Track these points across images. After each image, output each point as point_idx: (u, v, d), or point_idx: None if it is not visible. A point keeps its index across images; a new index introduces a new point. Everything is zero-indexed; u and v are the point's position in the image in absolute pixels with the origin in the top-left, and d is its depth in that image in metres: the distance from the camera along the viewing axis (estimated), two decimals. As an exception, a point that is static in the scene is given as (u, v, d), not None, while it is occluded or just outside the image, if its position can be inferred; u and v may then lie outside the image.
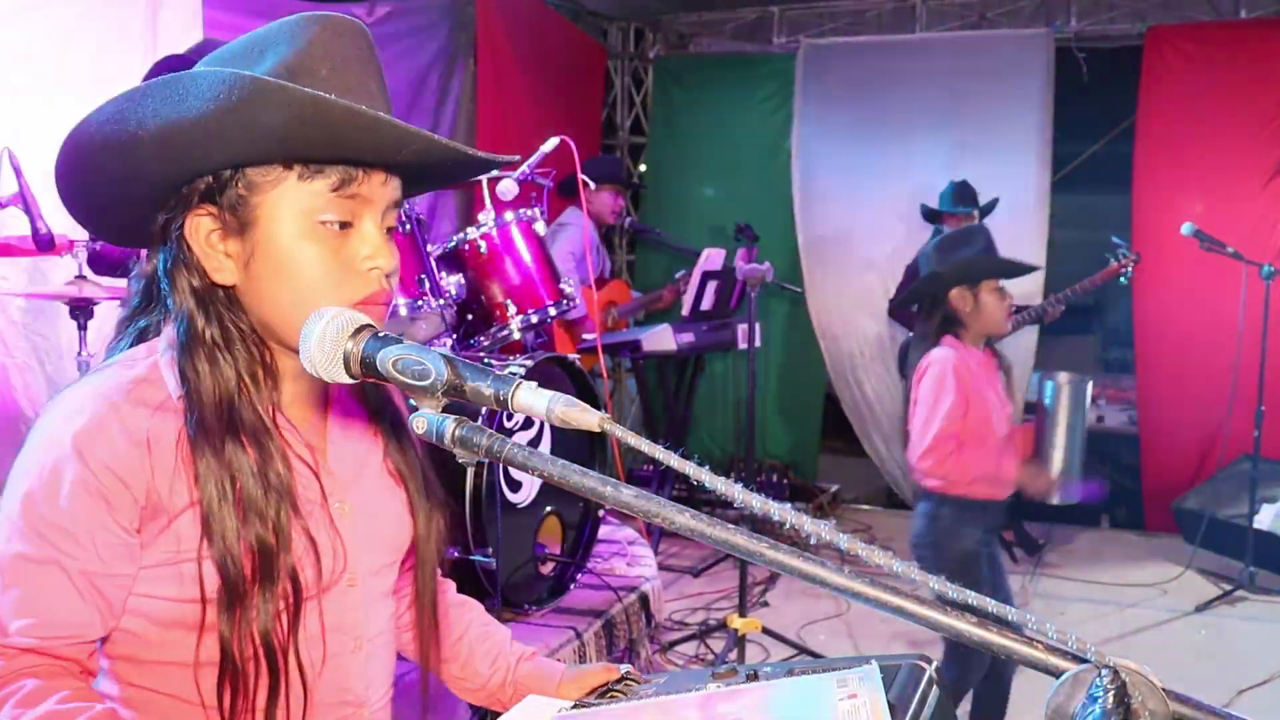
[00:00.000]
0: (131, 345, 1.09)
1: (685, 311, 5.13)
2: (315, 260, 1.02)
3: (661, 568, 4.02)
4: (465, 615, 1.37)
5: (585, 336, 4.81)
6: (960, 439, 2.69)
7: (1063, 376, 2.79)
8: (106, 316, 2.65)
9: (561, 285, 3.27)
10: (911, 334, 5.10)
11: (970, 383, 2.72)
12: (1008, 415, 2.85)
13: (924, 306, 2.86)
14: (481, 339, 3.22)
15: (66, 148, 1.01)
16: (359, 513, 1.13)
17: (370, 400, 1.19)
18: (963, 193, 4.93)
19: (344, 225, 1.03)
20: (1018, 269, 2.86)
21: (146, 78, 2.59)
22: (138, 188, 1.03)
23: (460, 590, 1.43)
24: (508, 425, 2.79)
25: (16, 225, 2.51)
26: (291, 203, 1.01)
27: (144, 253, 1.11)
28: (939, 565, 2.69)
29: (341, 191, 1.02)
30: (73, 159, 1.02)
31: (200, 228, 1.03)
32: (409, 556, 1.23)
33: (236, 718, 1.02)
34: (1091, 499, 2.99)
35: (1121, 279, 4.68)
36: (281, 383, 1.09)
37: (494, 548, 2.62)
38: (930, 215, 5.04)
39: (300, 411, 1.12)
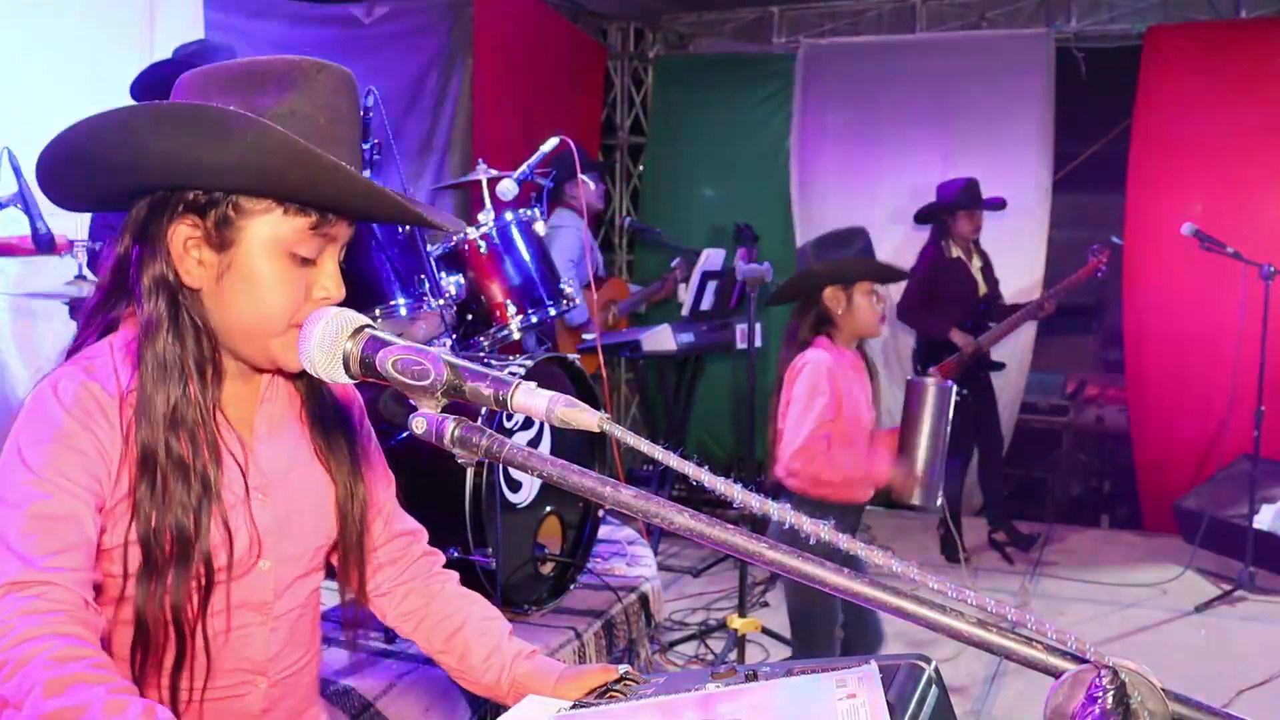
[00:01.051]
0: (98, 338, 1.18)
1: (685, 311, 5.13)
2: (281, 286, 1.13)
3: (661, 568, 4.02)
4: (464, 608, 1.39)
5: (585, 337, 4.82)
6: (831, 439, 2.70)
7: (929, 380, 2.79)
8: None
9: (561, 285, 3.26)
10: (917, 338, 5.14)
11: (842, 384, 2.74)
12: (872, 419, 2.87)
13: (799, 305, 2.88)
14: (481, 339, 3.21)
15: (74, 134, 1.06)
16: (279, 503, 1.23)
17: (303, 394, 1.29)
18: (974, 190, 4.92)
19: (308, 261, 1.14)
20: (891, 273, 2.89)
21: (138, 82, 2.60)
22: (126, 182, 1.12)
23: (460, 590, 1.44)
24: (507, 425, 2.79)
25: (16, 225, 2.51)
26: (272, 232, 1.12)
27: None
28: None
29: (317, 230, 1.13)
30: (70, 148, 1.09)
31: (180, 233, 1.12)
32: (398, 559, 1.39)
33: (145, 675, 1.14)
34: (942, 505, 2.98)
35: (1098, 274, 4.73)
36: (224, 381, 1.19)
37: (494, 548, 2.62)
38: (932, 212, 5.01)
39: (238, 410, 1.22)
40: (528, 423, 2.84)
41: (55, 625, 0.96)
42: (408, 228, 2.92)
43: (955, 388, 2.82)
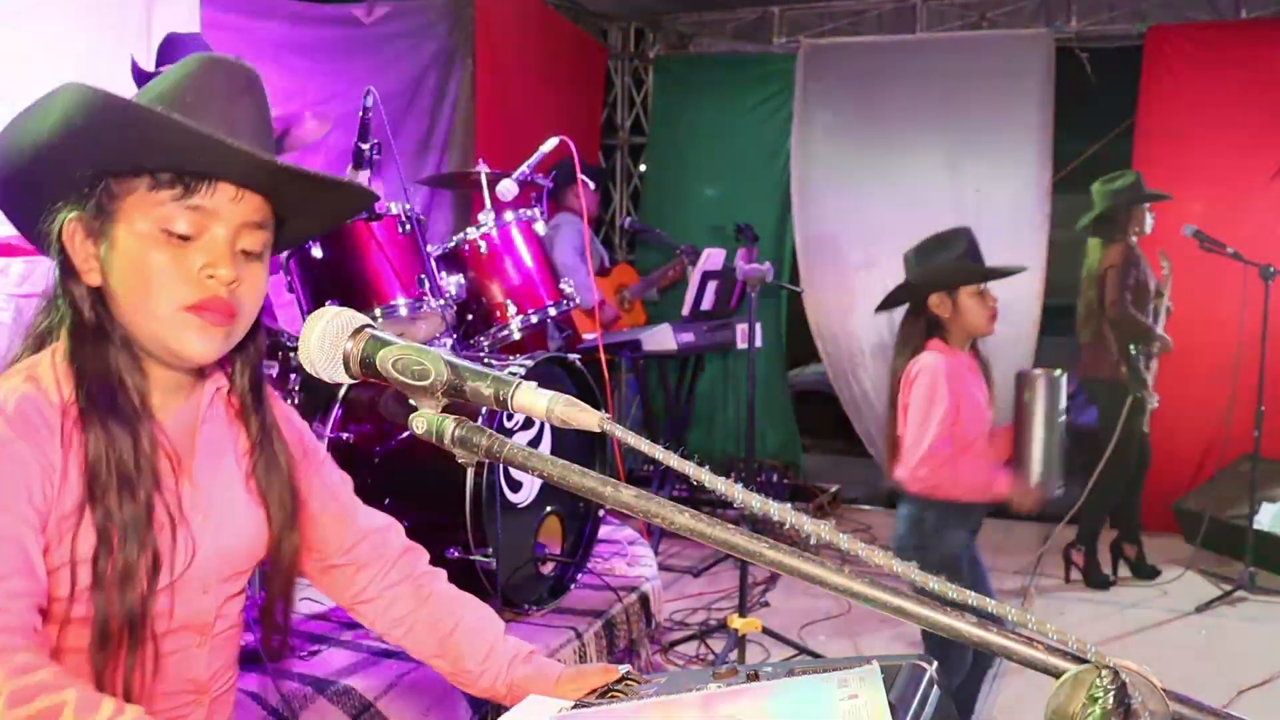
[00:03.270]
0: (34, 351, 1.16)
1: (685, 311, 5.13)
2: (156, 264, 1.10)
3: (662, 568, 4.02)
4: (455, 611, 1.36)
5: (586, 336, 4.82)
6: (954, 446, 2.68)
7: (1037, 372, 2.78)
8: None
9: (561, 285, 3.27)
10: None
11: (960, 387, 2.72)
12: (990, 418, 2.86)
13: (907, 312, 2.86)
14: (481, 339, 3.22)
15: None
16: (217, 525, 1.22)
17: (250, 426, 1.26)
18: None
19: (189, 236, 1.11)
20: (992, 273, 2.84)
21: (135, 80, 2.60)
22: (34, 193, 1.13)
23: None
24: (508, 425, 2.79)
25: (16, 225, 2.51)
26: (142, 210, 1.10)
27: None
28: (922, 569, 2.68)
29: (184, 201, 1.10)
30: None
31: (69, 230, 1.12)
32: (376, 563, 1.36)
33: (104, 676, 1.10)
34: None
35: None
36: (152, 391, 1.16)
37: (494, 548, 2.62)
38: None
39: (176, 425, 1.20)
40: (528, 423, 2.84)
41: (6, 643, 0.95)
42: (407, 226, 2.92)
43: (1065, 376, 2.81)
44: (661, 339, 4.94)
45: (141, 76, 2.69)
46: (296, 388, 2.73)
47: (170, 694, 1.21)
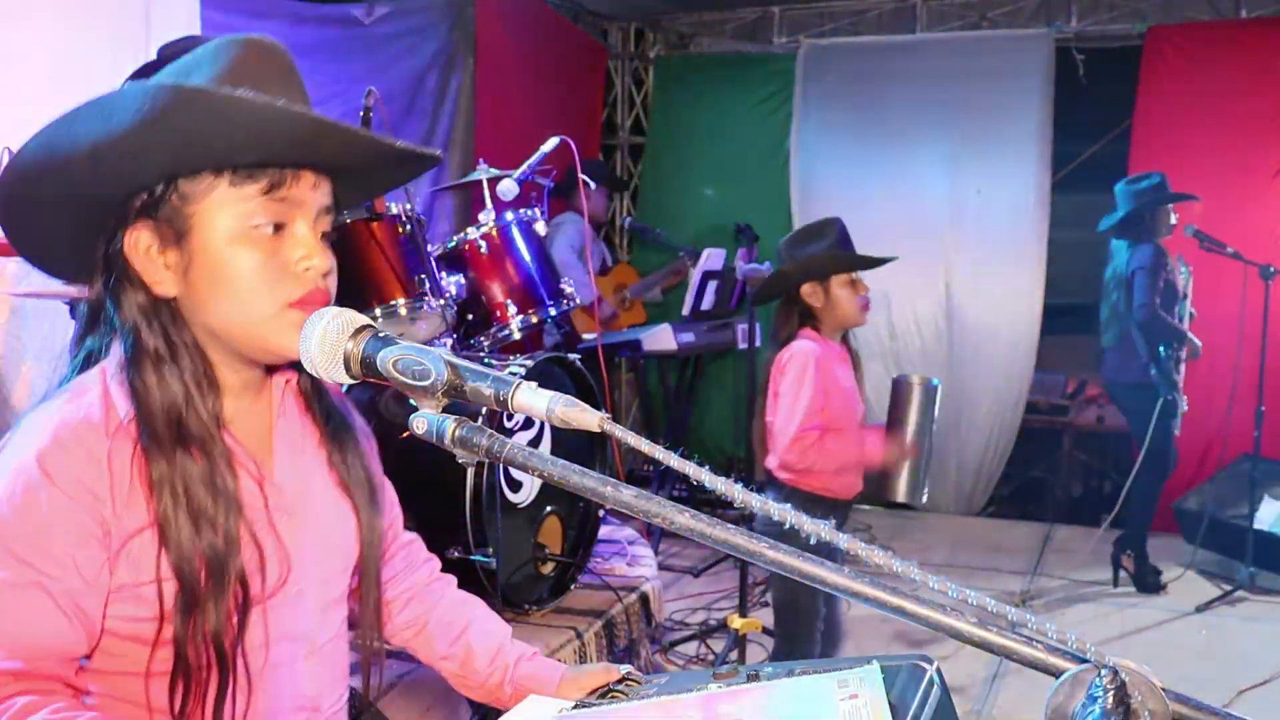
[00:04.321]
0: (81, 369, 1.11)
1: (685, 311, 5.13)
2: (250, 264, 1.04)
3: (662, 568, 4.02)
4: (465, 613, 1.37)
5: (586, 336, 4.82)
6: (823, 429, 2.70)
7: (914, 378, 2.80)
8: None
9: (561, 285, 3.26)
10: None
11: (830, 374, 2.74)
12: (862, 413, 2.88)
13: (780, 304, 2.88)
14: (482, 339, 3.21)
15: (4, 180, 1.03)
16: (305, 525, 1.15)
17: (316, 414, 1.21)
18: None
19: (276, 228, 1.06)
20: (861, 262, 2.84)
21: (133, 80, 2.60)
22: (77, 213, 1.06)
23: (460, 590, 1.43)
24: (508, 425, 2.78)
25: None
26: (224, 209, 1.04)
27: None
28: None
29: (272, 195, 1.04)
30: (11, 191, 1.04)
31: (139, 242, 1.05)
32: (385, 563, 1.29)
33: (187, 718, 1.05)
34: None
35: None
36: (224, 398, 1.11)
37: (494, 548, 2.62)
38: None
39: (244, 427, 1.13)
40: (528, 423, 2.84)
41: (9, 700, 0.94)
42: (408, 226, 2.92)
43: (940, 386, 2.82)
44: (661, 339, 4.94)
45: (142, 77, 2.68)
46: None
47: (284, 712, 1.14)
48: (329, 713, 1.20)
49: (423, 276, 2.92)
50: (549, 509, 2.98)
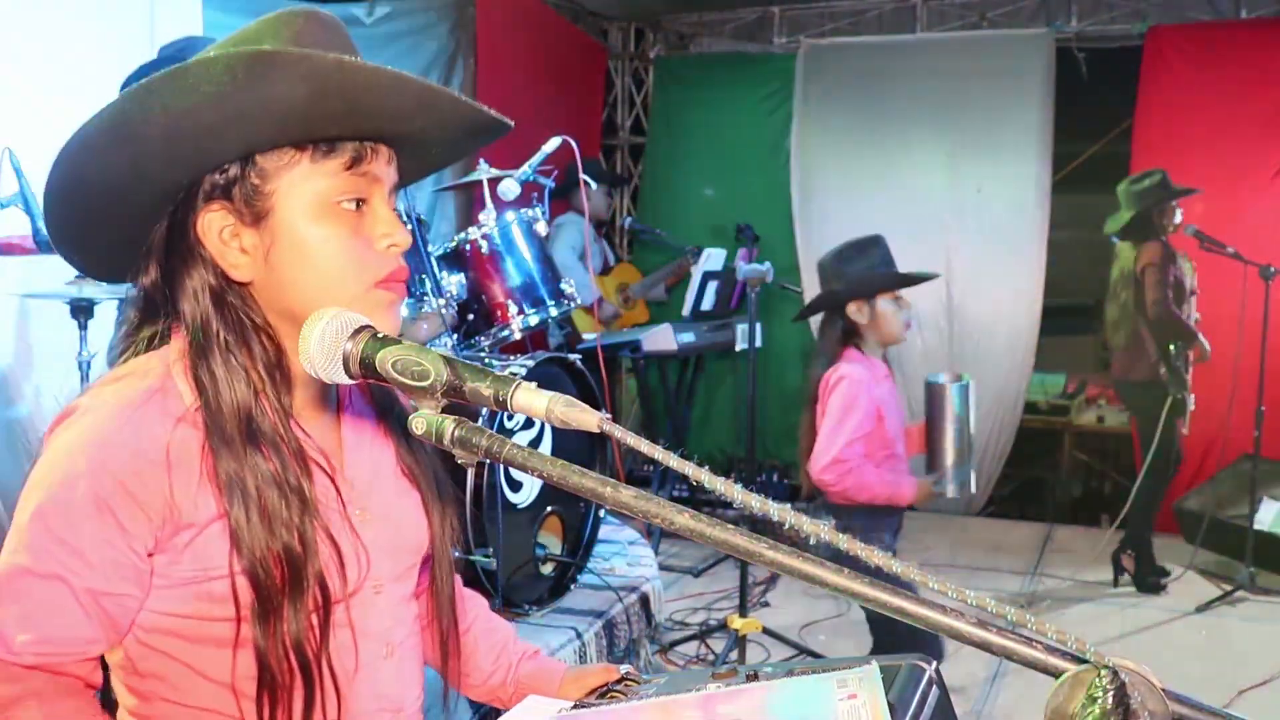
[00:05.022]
0: (143, 352, 1.05)
1: (685, 311, 5.13)
2: (337, 242, 1.01)
3: (662, 568, 4.02)
4: (470, 611, 1.37)
5: (587, 336, 4.82)
6: (864, 454, 2.74)
7: (945, 377, 2.83)
8: (106, 316, 2.65)
9: (562, 285, 3.27)
10: None
11: (878, 395, 2.77)
12: (902, 420, 2.91)
13: (824, 319, 2.91)
14: (482, 339, 3.21)
15: (65, 160, 0.96)
16: (378, 518, 1.11)
17: (378, 402, 1.18)
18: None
19: (359, 205, 1.02)
20: (911, 280, 2.87)
21: (131, 80, 2.60)
22: (140, 196, 1.00)
23: (461, 590, 1.43)
24: (508, 425, 2.79)
25: (16, 225, 2.51)
26: (307, 186, 1.00)
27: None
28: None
29: (354, 170, 1.01)
30: (71, 172, 0.97)
31: (213, 224, 1.00)
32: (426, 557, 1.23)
33: (277, 712, 1.00)
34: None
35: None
36: (295, 388, 1.06)
37: (494, 548, 2.63)
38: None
39: (313, 418, 1.09)
40: (528, 423, 2.84)
41: (31, 695, 0.93)
42: (408, 226, 2.92)
43: (971, 383, 2.84)
44: (662, 339, 4.95)
45: (135, 79, 2.67)
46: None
47: (366, 715, 1.09)
48: (410, 712, 1.16)
49: (423, 276, 2.93)
50: (549, 509, 2.98)
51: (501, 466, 1.89)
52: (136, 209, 1.01)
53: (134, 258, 1.05)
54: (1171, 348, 4.46)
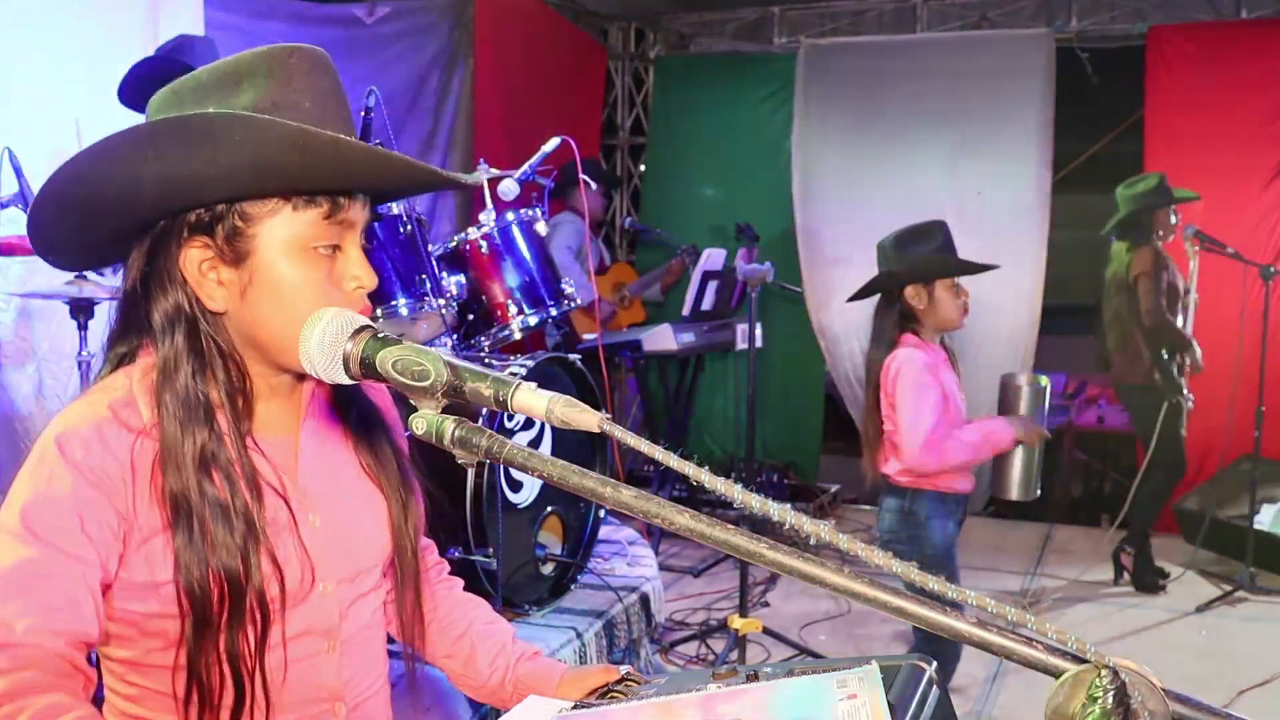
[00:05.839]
0: (111, 372, 1.12)
1: (685, 311, 5.13)
2: (309, 285, 1.07)
3: (662, 568, 4.02)
4: (469, 613, 1.38)
5: (586, 336, 4.82)
6: (948, 428, 2.74)
7: (1022, 379, 2.83)
8: (106, 317, 2.65)
9: (561, 285, 3.27)
10: None
11: (941, 378, 2.77)
12: (963, 413, 2.90)
13: (881, 304, 2.89)
14: (482, 339, 3.22)
15: (56, 183, 1.02)
16: (332, 525, 1.16)
17: (340, 407, 1.23)
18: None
19: (333, 249, 1.09)
20: (971, 268, 2.87)
21: (125, 84, 2.59)
22: (122, 222, 1.06)
23: (460, 590, 1.44)
24: (508, 425, 2.79)
25: (16, 225, 2.51)
26: (286, 231, 1.06)
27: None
28: (916, 562, 2.72)
29: (332, 219, 1.08)
30: (60, 194, 1.03)
31: (193, 258, 1.06)
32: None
33: (213, 700, 1.07)
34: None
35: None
36: (255, 405, 1.13)
37: (494, 548, 2.63)
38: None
39: (273, 432, 1.15)
40: (529, 423, 2.84)
41: (31, 685, 0.92)
42: (409, 227, 2.92)
43: (1049, 385, 2.84)
44: (661, 339, 4.94)
45: (131, 78, 2.64)
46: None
47: (300, 703, 1.14)
48: (355, 701, 1.20)
49: (423, 276, 2.93)
50: (549, 509, 2.99)
51: (501, 466, 1.89)
52: (118, 231, 1.08)
53: (107, 262, 1.14)
54: (1165, 354, 4.47)
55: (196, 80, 1.06)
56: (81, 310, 2.55)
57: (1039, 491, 2.93)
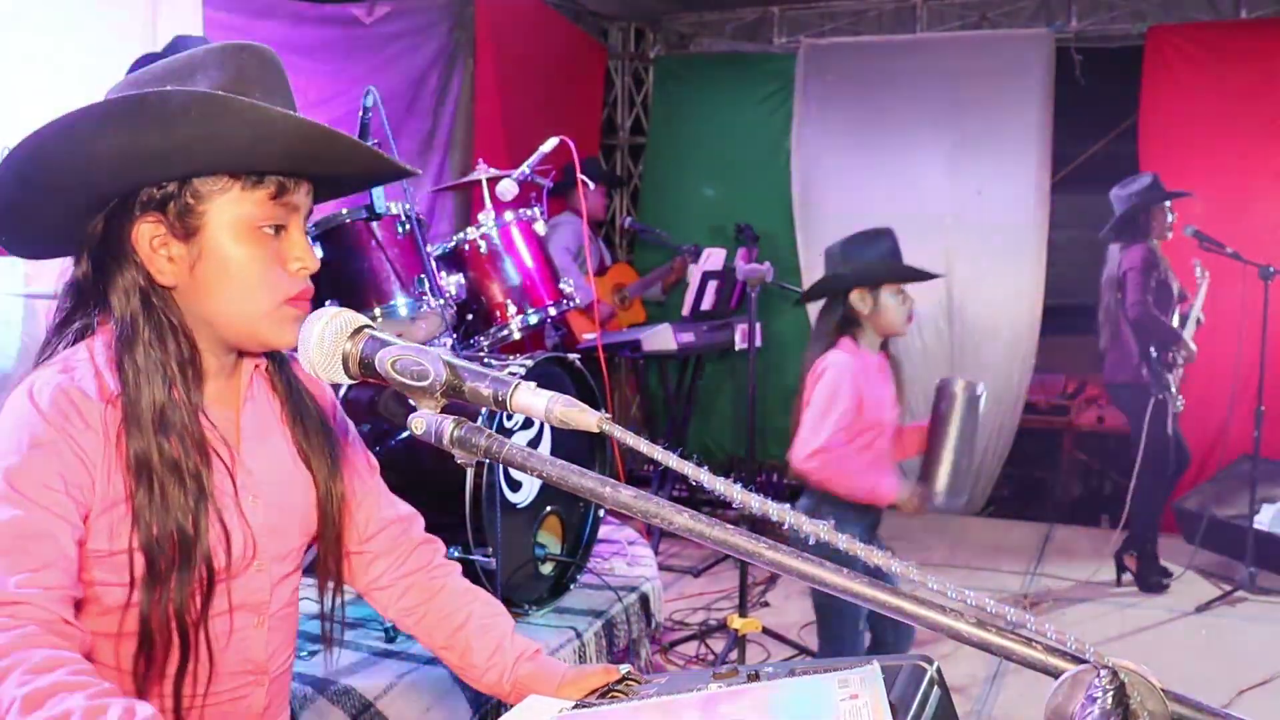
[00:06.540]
0: (70, 344, 1.16)
1: (685, 311, 5.13)
2: (255, 262, 1.13)
3: (662, 568, 4.02)
4: (467, 606, 1.39)
5: (586, 336, 4.82)
6: (846, 445, 2.73)
7: (957, 384, 2.81)
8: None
9: (561, 285, 3.26)
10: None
11: (865, 388, 2.75)
12: (895, 418, 2.89)
13: (825, 305, 2.90)
14: (481, 339, 3.21)
15: (14, 159, 1.05)
16: (268, 504, 1.23)
17: (280, 393, 1.29)
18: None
19: (278, 230, 1.15)
20: (917, 274, 2.87)
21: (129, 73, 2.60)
22: (80, 198, 1.11)
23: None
24: (508, 425, 2.78)
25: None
26: (235, 210, 1.12)
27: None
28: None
29: (278, 200, 1.14)
30: (19, 168, 1.06)
31: (145, 234, 1.12)
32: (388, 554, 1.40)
33: (148, 684, 1.14)
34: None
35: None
36: (205, 381, 1.19)
37: (494, 548, 2.62)
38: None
39: (219, 410, 1.21)
40: (528, 423, 2.84)
41: (30, 639, 0.93)
42: (407, 226, 2.92)
43: (985, 394, 2.83)
44: (661, 339, 4.94)
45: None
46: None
47: (231, 674, 1.22)
48: (274, 673, 1.28)
49: (422, 276, 2.92)
50: (548, 509, 2.98)
51: (501, 466, 1.89)
52: (74, 209, 1.12)
53: (61, 246, 1.18)
54: (1153, 349, 4.48)
55: (151, 74, 1.11)
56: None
57: (963, 502, 2.92)
